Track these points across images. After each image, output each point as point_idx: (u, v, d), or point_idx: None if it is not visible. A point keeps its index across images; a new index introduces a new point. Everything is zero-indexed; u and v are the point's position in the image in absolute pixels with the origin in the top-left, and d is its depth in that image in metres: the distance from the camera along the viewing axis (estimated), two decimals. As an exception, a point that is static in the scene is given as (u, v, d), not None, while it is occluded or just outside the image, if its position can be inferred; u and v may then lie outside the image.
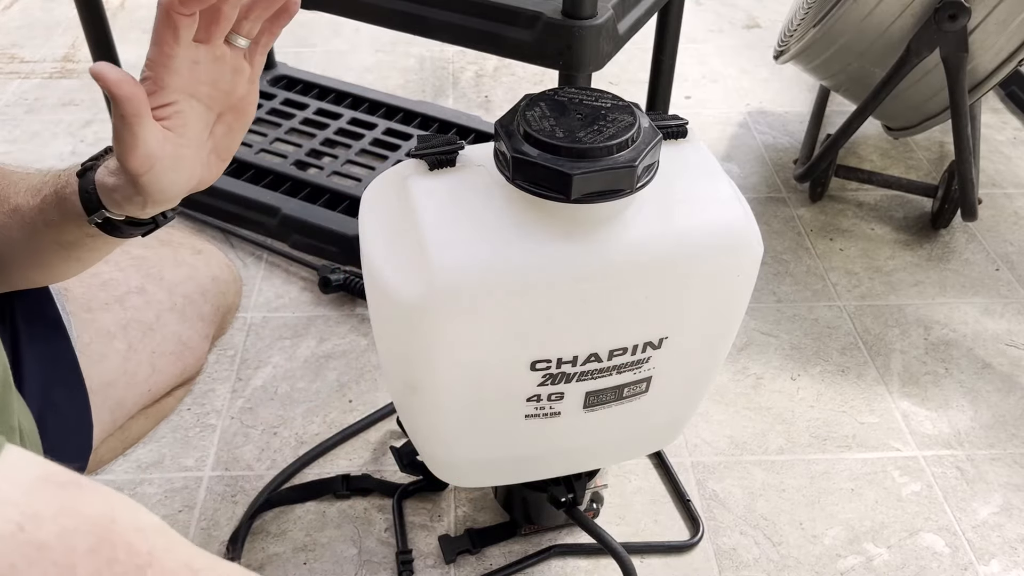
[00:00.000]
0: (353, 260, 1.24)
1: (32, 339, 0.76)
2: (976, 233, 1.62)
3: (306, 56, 2.12)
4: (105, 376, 0.81)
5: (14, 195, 0.69)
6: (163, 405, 0.92)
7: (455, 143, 0.76)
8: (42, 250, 0.71)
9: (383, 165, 1.62)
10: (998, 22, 1.36)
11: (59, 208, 0.67)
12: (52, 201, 0.67)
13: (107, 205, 0.65)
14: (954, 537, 1.11)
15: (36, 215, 0.68)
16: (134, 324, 0.85)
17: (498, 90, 2.04)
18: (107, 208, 0.65)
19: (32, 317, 0.77)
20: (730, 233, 0.75)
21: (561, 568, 1.06)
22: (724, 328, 0.83)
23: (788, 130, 1.90)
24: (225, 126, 0.66)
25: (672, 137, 0.79)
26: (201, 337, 0.92)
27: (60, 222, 0.67)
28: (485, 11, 1.03)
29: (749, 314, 1.41)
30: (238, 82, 0.65)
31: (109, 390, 0.82)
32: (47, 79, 2.02)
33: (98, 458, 0.85)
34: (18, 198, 0.69)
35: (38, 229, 0.69)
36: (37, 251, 0.71)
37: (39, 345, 0.76)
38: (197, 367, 0.93)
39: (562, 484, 0.97)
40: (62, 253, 0.71)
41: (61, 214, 0.67)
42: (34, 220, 0.68)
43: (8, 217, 0.69)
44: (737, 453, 1.21)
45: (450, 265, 0.69)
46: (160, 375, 0.87)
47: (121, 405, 0.84)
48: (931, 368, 1.35)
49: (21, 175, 0.71)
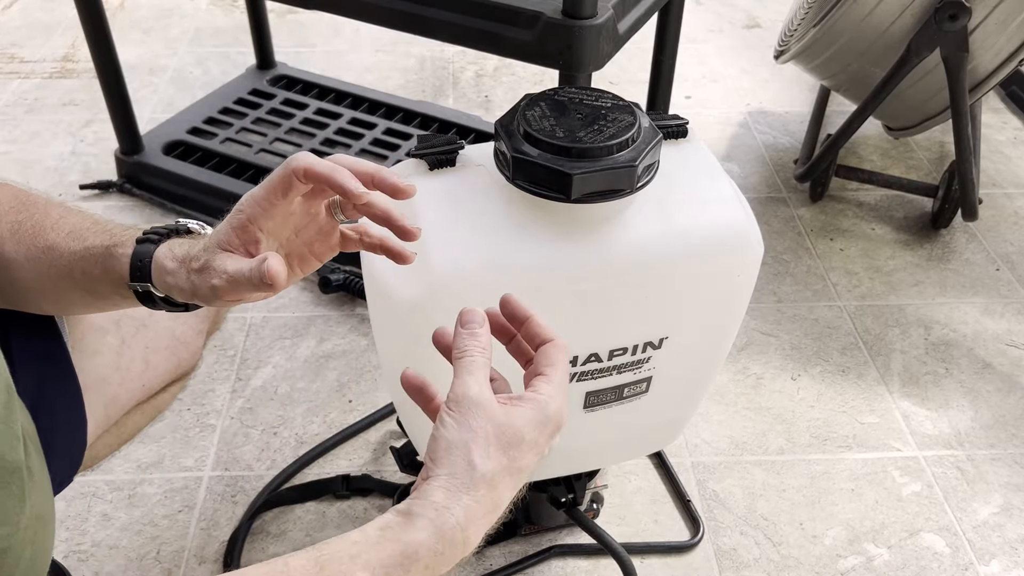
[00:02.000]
0: (353, 260, 1.24)
1: (23, 335, 0.76)
2: (976, 233, 1.62)
3: (306, 56, 2.12)
4: (98, 372, 0.81)
5: (52, 232, 0.69)
6: (158, 400, 0.92)
7: (455, 143, 0.76)
8: (67, 291, 0.71)
9: (383, 165, 1.62)
10: (998, 22, 1.36)
11: (103, 263, 0.67)
12: (99, 254, 0.67)
13: (155, 282, 0.65)
14: (954, 537, 1.11)
15: (74, 261, 0.68)
16: (127, 319, 0.85)
17: (498, 90, 2.04)
18: (153, 284, 0.65)
19: (23, 314, 0.77)
20: (730, 233, 0.75)
21: (561, 568, 1.06)
22: (724, 328, 0.83)
23: (788, 130, 1.90)
24: (290, 268, 0.66)
25: (672, 137, 0.79)
26: (195, 332, 0.92)
27: (99, 275, 0.67)
28: (485, 11, 1.03)
29: (749, 314, 1.41)
30: (320, 241, 0.66)
31: (103, 386, 0.82)
32: (47, 79, 2.02)
33: (93, 454, 0.85)
34: (55, 236, 0.69)
35: (72, 275, 0.68)
36: (61, 291, 0.71)
37: (31, 341, 0.76)
38: (192, 362, 0.93)
39: (562, 484, 0.97)
40: (86, 299, 0.71)
41: (104, 269, 0.67)
42: (70, 265, 0.68)
43: (41, 253, 0.69)
44: (737, 453, 1.21)
45: (450, 265, 0.69)
46: (154, 370, 0.87)
47: (115, 401, 0.84)
48: (931, 368, 1.35)
49: (62, 211, 0.71)
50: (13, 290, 0.72)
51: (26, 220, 0.70)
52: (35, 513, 0.57)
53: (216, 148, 1.65)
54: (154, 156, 1.63)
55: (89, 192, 1.64)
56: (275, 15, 2.14)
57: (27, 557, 0.54)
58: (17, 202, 0.72)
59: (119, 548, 1.07)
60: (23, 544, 0.54)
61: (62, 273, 0.69)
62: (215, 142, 1.67)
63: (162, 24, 2.27)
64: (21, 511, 0.54)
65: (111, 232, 0.68)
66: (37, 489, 0.58)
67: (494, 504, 0.52)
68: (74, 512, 1.11)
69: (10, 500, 0.53)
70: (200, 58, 2.12)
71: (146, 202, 1.61)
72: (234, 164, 1.62)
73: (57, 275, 0.69)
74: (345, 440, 1.19)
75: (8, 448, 0.53)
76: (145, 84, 2.00)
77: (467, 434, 0.51)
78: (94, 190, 1.64)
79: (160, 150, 1.64)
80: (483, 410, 0.52)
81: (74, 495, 1.12)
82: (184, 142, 1.67)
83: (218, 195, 1.55)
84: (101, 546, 1.07)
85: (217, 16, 2.31)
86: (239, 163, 1.62)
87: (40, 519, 0.58)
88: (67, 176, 1.70)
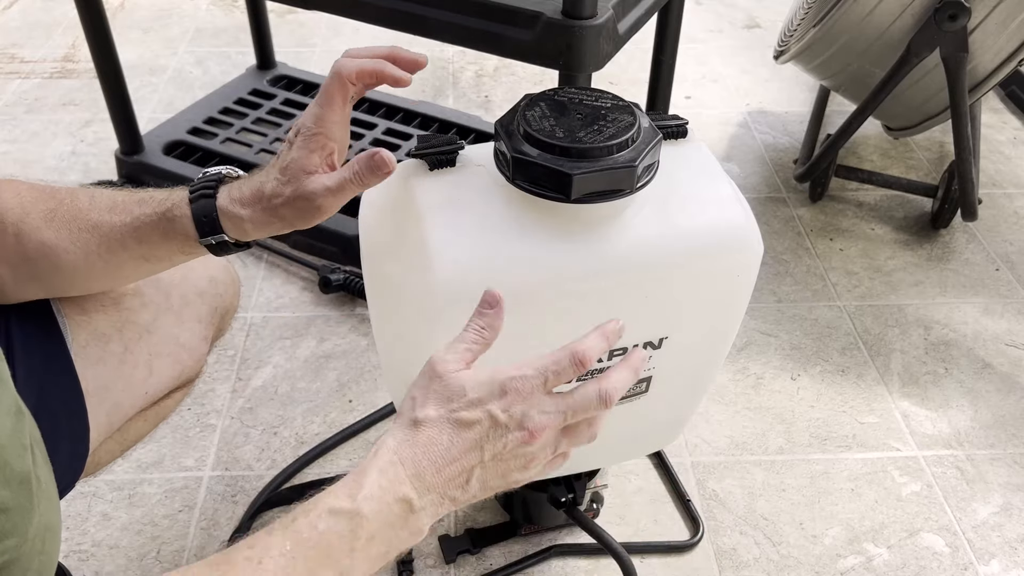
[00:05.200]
0: (353, 260, 1.24)
1: (26, 342, 0.75)
2: (976, 233, 1.62)
3: (306, 56, 2.12)
4: (101, 379, 0.81)
5: (92, 212, 0.72)
6: (161, 407, 0.92)
7: (455, 143, 0.76)
8: (121, 263, 0.74)
9: (383, 165, 1.62)
10: (998, 22, 1.36)
11: (161, 228, 0.71)
12: (154, 221, 0.71)
13: (227, 230, 0.71)
14: (954, 537, 1.11)
15: (127, 233, 0.71)
16: (130, 326, 0.84)
17: (498, 90, 2.04)
18: (226, 233, 0.71)
19: (25, 319, 0.77)
20: (730, 233, 0.75)
21: (561, 568, 1.06)
22: (724, 328, 0.83)
23: (788, 130, 1.90)
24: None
25: (672, 137, 0.79)
26: (199, 339, 0.91)
27: (159, 240, 0.72)
28: (485, 11, 1.03)
29: (749, 314, 1.41)
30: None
31: (105, 393, 0.81)
32: (47, 79, 2.02)
33: (96, 460, 0.85)
34: (97, 215, 0.72)
35: (126, 246, 0.72)
36: (115, 264, 0.74)
37: (33, 347, 0.76)
38: (196, 369, 0.92)
39: (562, 484, 0.97)
40: (144, 266, 0.76)
41: (163, 234, 0.71)
42: (122, 237, 0.71)
43: (87, 233, 0.72)
44: (737, 453, 1.21)
45: (450, 265, 0.69)
46: (157, 377, 0.86)
47: (118, 408, 0.83)
48: (931, 368, 1.35)
49: (88, 192, 0.74)
50: (60, 276, 0.74)
51: (58, 207, 0.73)
52: (43, 523, 0.56)
53: (216, 148, 1.65)
54: (154, 156, 1.63)
55: (89, 192, 1.64)
56: (275, 15, 2.14)
57: (35, 568, 0.54)
58: (39, 192, 0.74)
59: (119, 548, 1.07)
60: (31, 555, 0.54)
61: (113, 247, 0.72)
62: (215, 142, 1.67)
63: (162, 24, 2.27)
64: (29, 521, 0.54)
65: (154, 199, 0.73)
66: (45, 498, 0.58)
67: (429, 440, 0.57)
68: (74, 512, 1.11)
69: (19, 511, 0.53)
70: (200, 58, 2.12)
71: (146, 202, 1.61)
72: (234, 164, 1.62)
73: (108, 250, 0.72)
74: (345, 440, 1.20)
75: (16, 457, 0.53)
76: (145, 84, 2.00)
77: (414, 389, 0.60)
78: (94, 190, 1.64)
79: (160, 150, 1.64)
80: (432, 367, 0.59)
81: (74, 495, 1.12)
82: (184, 142, 1.67)
83: (218, 195, 1.55)
84: (101, 546, 1.07)
85: (217, 16, 2.31)
86: (239, 163, 1.61)
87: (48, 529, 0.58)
88: (67, 176, 1.70)
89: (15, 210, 0.72)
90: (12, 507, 0.53)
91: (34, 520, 0.54)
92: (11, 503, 0.52)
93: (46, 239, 0.71)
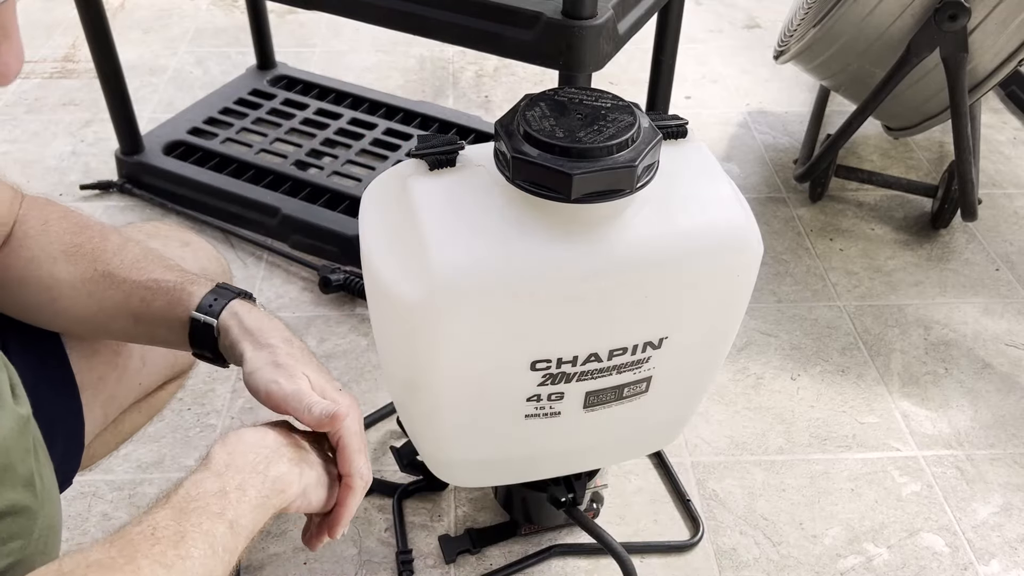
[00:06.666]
0: (353, 260, 1.24)
1: (21, 335, 0.76)
2: (976, 233, 1.62)
3: (306, 56, 2.12)
4: (96, 371, 0.81)
5: (113, 258, 0.72)
6: (156, 399, 0.92)
7: (455, 143, 0.76)
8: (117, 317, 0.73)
9: (383, 165, 1.62)
10: (998, 22, 1.36)
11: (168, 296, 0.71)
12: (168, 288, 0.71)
13: (222, 350, 0.70)
14: (954, 537, 1.11)
15: (134, 290, 0.72)
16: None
17: (498, 90, 2.04)
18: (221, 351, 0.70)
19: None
20: (730, 233, 0.75)
21: (561, 568, 1.06)
22: (724, 328, 0.83)
23: (788, 130, 1.90)
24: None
25: (672, 137, 0.79)
26: None
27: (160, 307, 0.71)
28: (485, 11, 1.03)
29: (749, 314, 1.41)
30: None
31: (100, 385, 0.82)
32: (47, 79, 2.02)
33: (91, 453, 0.85)
34: (117, 263, 0.72)
35: (130, 303, 0.72)
36: (111, 316, 0.73)
37: (28, 341, 0.76)
38: (189, 360, 0.93)
39: (562, 484, 0.97)
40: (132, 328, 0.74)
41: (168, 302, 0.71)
42: (129, 293, 0.72)
43: (101, 277, 0.72)
44: (737, 453, 1.21)
45: (450, 265, 0.69)
46: (151, 368, 0.87)
47: (113, 399, 0.84)
48: (931, 368, 1.35)
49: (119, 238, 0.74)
50: (52, 310, 0.74)
51: (85, 243, 0.72)
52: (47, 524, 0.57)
53: (216, 148, 1.65)
54: (154, 156, 1.63)
55: (90, 192, 1.64)
56: (275, 15, 2.14)
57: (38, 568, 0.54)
58: (71, 223, 0.74)
59: (119, 548, 1.07)
60: (35, 555, 0.54)
61: (118, 300, 0.72)
62: (215, 142, 1.67)
63: (162, 24, 2.27)
64: (34, 523, 0.54)
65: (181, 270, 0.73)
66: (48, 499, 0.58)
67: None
68: (74, 512, 1.11)
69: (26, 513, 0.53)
70: (200, 58, 2.12)
71: (146, 202, 1.61)
72: (234, 164, 1.62)
73: (112, 302, 0.72)
74: (345, 440, 1.19)
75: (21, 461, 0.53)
76: (145, 84, 2.00)
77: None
78: (94, 190, 1.64)
79: (160, 150, 1.64)
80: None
81: (74, 495, 1.12)
82: (184, 142, 1.67)
83: (218, 195, 1.55)
84: (101, 546, 1.07)
85: (217, 16, 2.31)
86: (239, 163, 1.62)
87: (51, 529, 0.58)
88: (67, 176, 1.70)
89: (37, 238, 0.72)
90: (20, 510, 0.53)
91: (39, 521, 0.55)
92: (19, 506, 0.52)
93: (56, 272, 0.72)
